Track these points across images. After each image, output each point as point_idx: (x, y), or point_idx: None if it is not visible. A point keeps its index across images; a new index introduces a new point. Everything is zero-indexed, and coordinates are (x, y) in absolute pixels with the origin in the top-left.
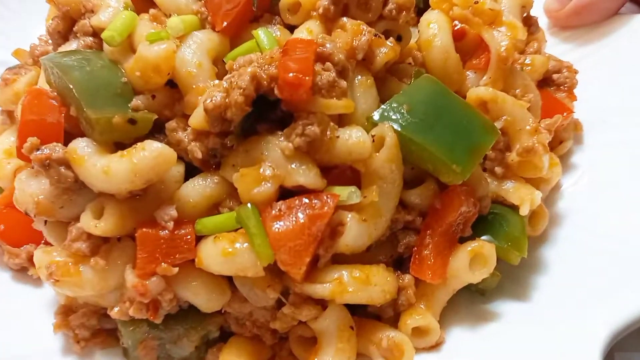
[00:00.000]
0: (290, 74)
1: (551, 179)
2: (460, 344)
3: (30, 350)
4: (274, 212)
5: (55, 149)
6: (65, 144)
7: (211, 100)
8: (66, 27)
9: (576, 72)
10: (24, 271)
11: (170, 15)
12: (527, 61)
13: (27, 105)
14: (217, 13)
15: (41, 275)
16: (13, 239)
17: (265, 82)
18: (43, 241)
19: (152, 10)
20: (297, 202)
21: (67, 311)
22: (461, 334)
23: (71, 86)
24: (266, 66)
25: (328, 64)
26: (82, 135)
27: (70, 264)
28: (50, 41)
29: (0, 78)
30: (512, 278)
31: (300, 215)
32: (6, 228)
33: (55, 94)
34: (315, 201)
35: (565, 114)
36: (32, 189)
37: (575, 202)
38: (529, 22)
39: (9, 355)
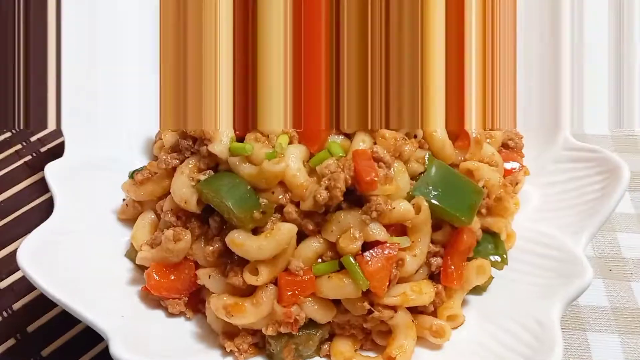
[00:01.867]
0: (367, 178)
1: (514, 213)
2: (469, 321)
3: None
4: (365, 259)
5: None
6: None
7: (321, 196)
8: (185, 144)
9: (522, 137)
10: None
11: (267, 136)
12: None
13: None
14: (308, 139)
15: (219, 313)
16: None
17: (349, 182)
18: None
19: (256, 134)
20: (377, 250)
21: (230, 335)
22: (469, 315)
23: (225, 201)
24: (347, 170)
25: (381, 163)
26: None
27: (239, 303)
28: (172, 153)
29: (135, 179)
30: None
31: (381, 258)
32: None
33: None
34: (387, 249)
35: (519, 166)
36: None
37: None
38: None
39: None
